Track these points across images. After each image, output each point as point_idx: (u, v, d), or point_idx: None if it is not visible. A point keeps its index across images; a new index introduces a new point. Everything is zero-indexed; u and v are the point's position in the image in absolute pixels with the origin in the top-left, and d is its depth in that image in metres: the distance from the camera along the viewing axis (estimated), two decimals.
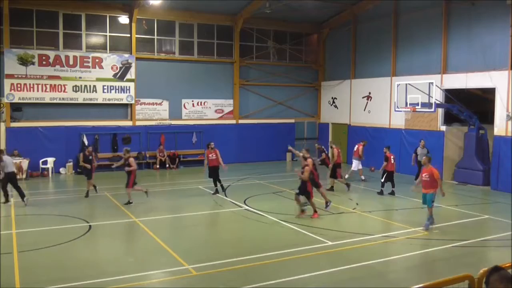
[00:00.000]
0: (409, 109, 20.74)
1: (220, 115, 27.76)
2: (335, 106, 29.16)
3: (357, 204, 16.27)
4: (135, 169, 15.91)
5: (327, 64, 30.16)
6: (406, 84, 20.45)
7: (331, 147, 20.08)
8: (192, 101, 27.02)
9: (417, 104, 19.90)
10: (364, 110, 26.59)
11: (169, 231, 13.20)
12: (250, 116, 28.46)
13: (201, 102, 27.23)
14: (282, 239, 12.20)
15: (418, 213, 15.14)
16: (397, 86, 21.00)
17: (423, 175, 12.68)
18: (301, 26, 29.39)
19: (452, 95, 21.00)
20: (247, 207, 15.64)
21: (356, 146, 21.91)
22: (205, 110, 27.37)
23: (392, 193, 17.72)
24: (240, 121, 28.12)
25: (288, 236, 12.43)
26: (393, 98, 22.31)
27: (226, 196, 17.58)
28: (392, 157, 17.97)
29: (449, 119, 22.16)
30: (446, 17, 21.87)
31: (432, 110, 19.92)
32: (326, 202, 15.08)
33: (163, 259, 10.36)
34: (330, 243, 11.48)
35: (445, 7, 21.83)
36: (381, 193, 17.70)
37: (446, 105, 21.09)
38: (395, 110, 22.21)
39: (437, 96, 20.65)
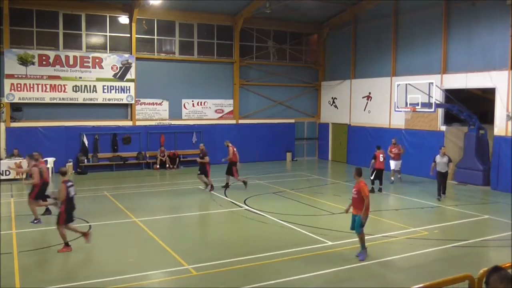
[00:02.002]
0: (409, 109, 20.76)
1: (220, 115, 27.76)
2: (335, 106, 29.16)
3: None
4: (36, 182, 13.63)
5: (327, 64, 30.17)
6: (406, 84, 20.48)
7: (227, 146, 19.89)
8: (192, 101, 27.02)
9: (417, 104, 19.93)
10: (364, 110, 26.60)
11: (169, 231, 13.20)
12: (250, 116, 28.46)
13: (201, 102, 27.23)
14: (282, 239, 12.20)
15: (418, 213, 15.17)
16: (397, 86, 21.02)
17: (353, 190, 10.59)
18: (301, 26, 29.40)
19: (452, 95, 21.01)
20: (247, 207, 15.64)
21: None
22: (205, 110, 27.37)
23: (380, 190, 18.29)
24: (240, 121, 28.12)
25: (288, 236, 12.43)
26: (393, 98, 22.33)
27: (226, 196, 17.59)
28: (381, 155, 18.53)
29: (449, 119, 22.16)
30: (446, 17, 21.88)
31: (432, 110, 19.94)
32: (211, 185, 18.48)
33: (163, 259, 10.36)
34: (330, 243, 11.49)
35: (445, 7, 21.83)
36: (371, 191, 17.58)
37: (446, 105, 21.10)
38: (395, 110, 22.22)
39: (437, 96, 20.66)
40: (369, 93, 26.24)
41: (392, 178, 20.68)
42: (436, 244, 11.58)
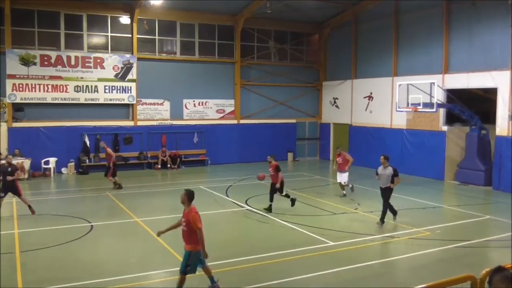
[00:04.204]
0: (410, 109, 20.75)
1: (221, 115, 27.77)
2: (337, 106, 29.16)
3: (358, 204, 16.26)
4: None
5: (328, 64, 30.16)
6: (407, 84, 20.46)
7: (104, 147, 19.92)
8: (193, 101, 27.04)
9: (419, 104, 19.91)
10: (366, 110, 26.59)
11: (172, 232, 13.18)
12: (251, 116, 28.46)
13: (202, 102, 27.24)
14: (283, 239, 12.20)
15: (420, 213, 15.16)
16: (399, 86, 21.01)
17: (182, 220, 8.49)
18: (302, 26, 29.40)
19: (453, 95, 20.99)
20: (248, 207, 15.64)
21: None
22: (206, 110, 27.38)
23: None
24: (241, 121, 28.12)
25: (289, 236, 12.43)
26: (395, 98, 22.30)
27: (227, 196, 17.59)
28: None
29: (450, 119, 22.14)
30: (447, 17, 21.86)
31: (434, 110, 19.92)
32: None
33: (165, 259, 10.37)
34: (332, 243, 11.49)
35: (446, 7, 21.81)
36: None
37: (447, 105, 21.08)
38: (396, 110, 22.21)
39: (439, 96, 20.63)
40: (371, 93, 26.23)
41: (344, 192, 17.56)
42: (438, 244, 11.57)
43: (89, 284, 8.75)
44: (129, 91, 25.06)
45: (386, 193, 13.32)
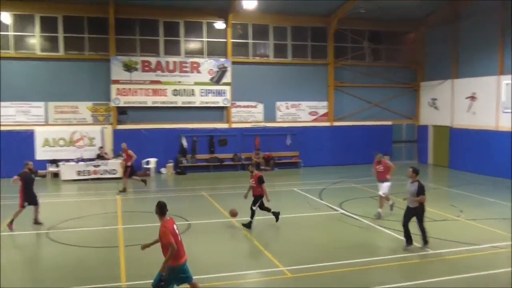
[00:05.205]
0: None
1: (314, 117, 27.56)
2: (435, 108, 27.74)
3: (461, 211, 15.30)
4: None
5: (426, 63, 28.79)
6: None
7: (124, 149, 19.54)
8: (286, 103, 27.11)
9: None
10: (468, 111, 25.01)
11: (264, 232, 13.25)
12: (345, 118, 27.94)
13: (295, 105, 27.23)
14: (379, 245, 11.78)
15: None
16: (505, 85, 19.54)
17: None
18: (397, 25, 28.27)
19: None
20: (342, 211, 15.32)
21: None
22: (299, 112, 27.33)
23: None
24: (335, 123, 27.71)
25: (385, 242, 11.99)
26: (501, 98, 20.76)
27: (321, 199, 17.37)
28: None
29: None
30: None
31: None
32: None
33: (257, 260, 10.43)
34: (431, 251, 10.87)
35: None
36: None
37: None
38: (503, 111, 20.67)
39: None
40: (473, 93, 24.61)
41: (379, 210, 14.48)
42: None
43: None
44: (224, 94, 25.69)
45: (417, 213, 10.97)
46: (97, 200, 17.95)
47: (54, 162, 23.20)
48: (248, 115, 26.45)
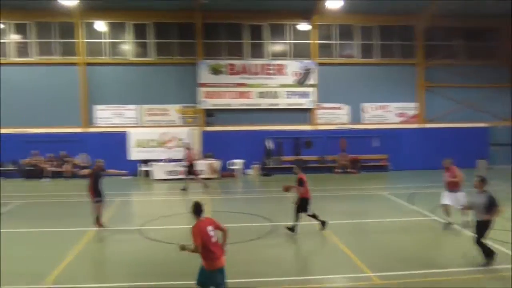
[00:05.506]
0: None
1: (403, 119, 26.53)
2: None
3: None
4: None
5: None
6: None
7: (187, 148, 20.44)
8: (373, 104, 26.36)
9: None
10: None
11: (352, 236, 12.86)
12: (436, 120, 26.63)
13: (382, 106, 26.40)
14: (474, 254, 10.96)
15: None
16: None
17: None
18: (490, 21, 26.37)
19: None
20: (435, 217, 14.52)
21: None
22: (386, 114, 26.48)
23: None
24: (426, 125, 26.50)
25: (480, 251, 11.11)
26: None
27: (411, 204, 16.61)
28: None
29: None
30: None
31: None
32: None
33: (344, 264, 10.10)
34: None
35: None
36: None
37: None
38: None
39: None
40: None
41: (448, 219, 12.98)
42: None
43: (263, 282, 8.94)
44: (309, 96, 25.49)
45: (480, 228, 9.75)
46: (185, 199, 18.43)
47: (145, 162, 24.24)
48: (333, 116, 26.06)
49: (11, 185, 21.93)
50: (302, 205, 12.50)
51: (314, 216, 12.56)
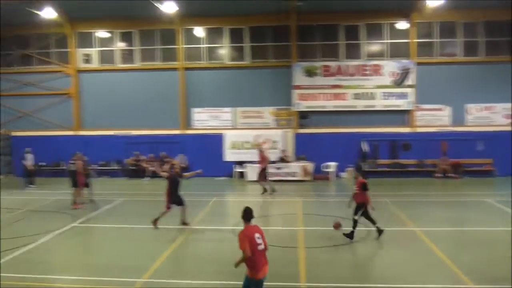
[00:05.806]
0: None
1: (510, 120, 24.61)
2: None
3: None
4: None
5: None
6: None
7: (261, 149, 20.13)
8: (478, 105, 24.76)
9: None
10: None
11: (451, 245, 12.16)
12: None
13: (488, 107, 24.71)
14: None
15: None
16: None
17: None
18: None
19: None
20: None
21: None
22: (493, 115, 24.74)
23: None
24: None
25: None
26: None
27: None
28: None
29: None
30: None
31: None
32: None
33: (442, 273, 9.57)
34: None
35: None
36: None
37: None
38: None
39: None
40: None
41: None
42: None
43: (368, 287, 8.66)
44: (407, 97, 24.56)
45: None
46: (278, 201, 18.52)
47: (240, 163, 24.74)
48: (433, 118, 24.87)
49: (115, 183, 23.44)
50: (358, 209, 12.19)
51: (355, 223, 12.08)
